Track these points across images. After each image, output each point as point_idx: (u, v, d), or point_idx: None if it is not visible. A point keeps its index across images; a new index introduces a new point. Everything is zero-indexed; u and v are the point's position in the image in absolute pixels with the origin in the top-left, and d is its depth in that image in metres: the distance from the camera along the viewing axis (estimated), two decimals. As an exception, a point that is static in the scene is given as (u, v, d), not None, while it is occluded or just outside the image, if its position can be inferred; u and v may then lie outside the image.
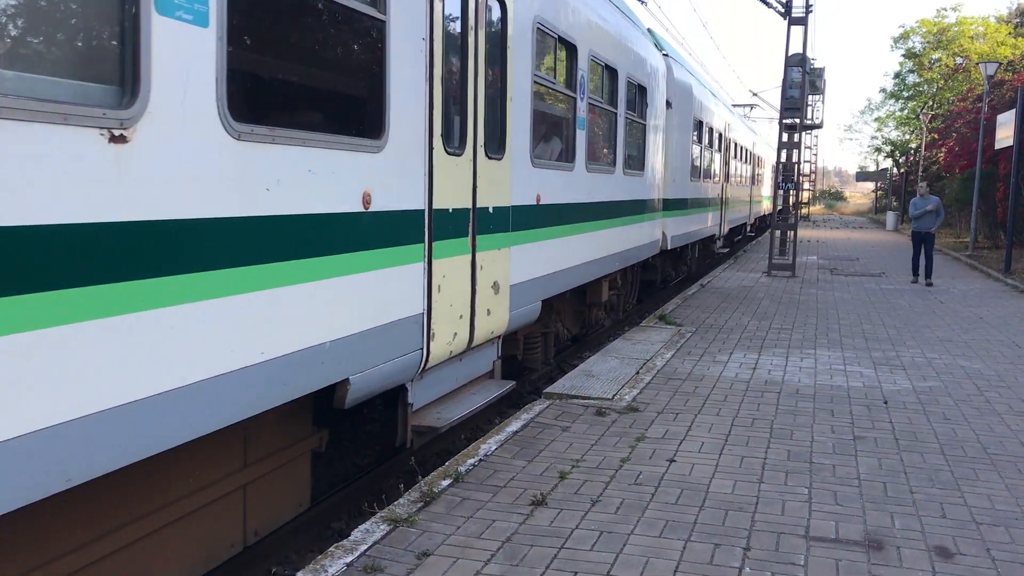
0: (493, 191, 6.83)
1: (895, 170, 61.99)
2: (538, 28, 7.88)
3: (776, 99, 25.15)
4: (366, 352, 5.04)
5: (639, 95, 12.49)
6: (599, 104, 10.26)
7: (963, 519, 5.12)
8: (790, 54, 19.99)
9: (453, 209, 6.10)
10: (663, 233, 14.61)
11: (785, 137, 20.81)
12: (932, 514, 5.18)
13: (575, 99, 9.14)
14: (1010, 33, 44.44)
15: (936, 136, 43.36)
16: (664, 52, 15.06)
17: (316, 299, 4.52)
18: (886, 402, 7.90)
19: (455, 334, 6.25)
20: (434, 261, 5.81)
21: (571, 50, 8.96)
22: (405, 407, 5.95)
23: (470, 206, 6.42)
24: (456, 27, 6.17)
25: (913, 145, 54.07)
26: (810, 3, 19.77)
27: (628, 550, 4.56)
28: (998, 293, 17.02)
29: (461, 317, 6.32)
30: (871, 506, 5.28)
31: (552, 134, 8.83)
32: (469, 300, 6.47)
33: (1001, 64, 28.88)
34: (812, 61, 25.66)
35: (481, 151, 6.51)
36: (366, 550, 4.48)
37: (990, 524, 5.05)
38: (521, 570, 4.31)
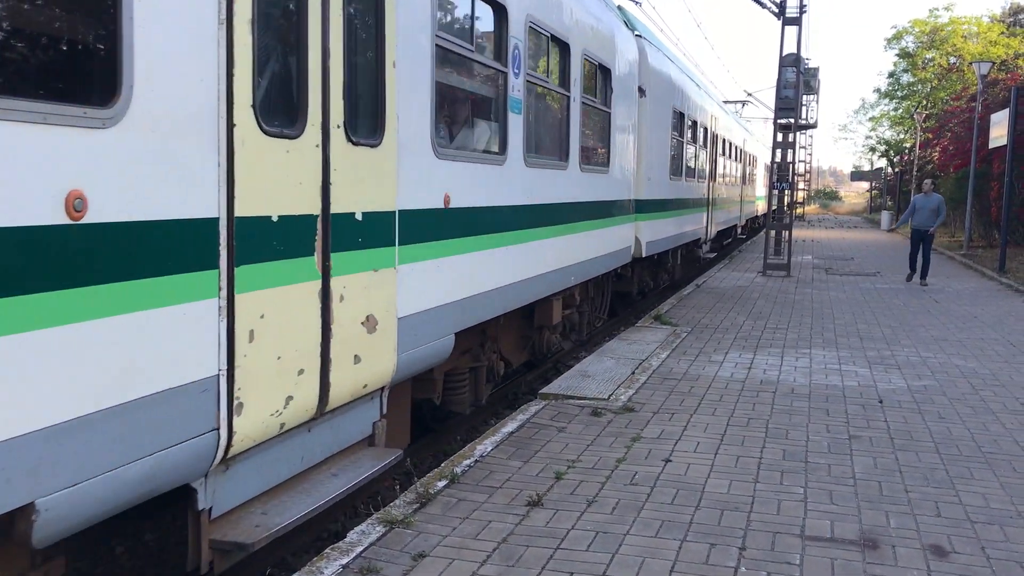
0: (362, 190, 4.92)
1: (890, 169, 62.11)
2: None
3: (771, 99, 25.17)
4: (83, 452, 3.21)
5: (602, 78, 10.61)
6: (544, 84, 8.46)
7: (958, 518, 5.13)
8: (784, 54, 20.03)
9: (279, 217, 4.23)
10: (637, 239, 12.73)
11: (780, 137, 20.84)
12: (927, 513, 5.19)
13: (506, 74, 7.25)
14: (1003, 32, 44.55)
15: (930, 135, 43.42)
16: (637, 32, 13.11)
17: None
18: (881, 401, 7.92)
19: (288, 398, 4.39)
20: (239, 296, 3.96)
21: (499, 11, 7.12)
22: (197, 517, 4.07)
23: (317, 212, 4.55)
24: None
25: (907, 144, 54.18)
26: (804, 3, 19.82)
27: (624, 550, 4.57)
28: (992, 292, 17.06)
29: (302, 372, 4.48)
30: (866, 505, 5.29)
31: (473, 117, 7.19)
32: (318, 346, 4.62)
33: (994, 64, 28.95)
34: (806, 61, 25.70)
35: (338, 133, 4.64)
36: (362, 552, 4.47)
37: (985, 523, 5.06)
38: (517, 571, 4.31)
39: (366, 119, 5.08)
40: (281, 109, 4.33)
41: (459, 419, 8.27)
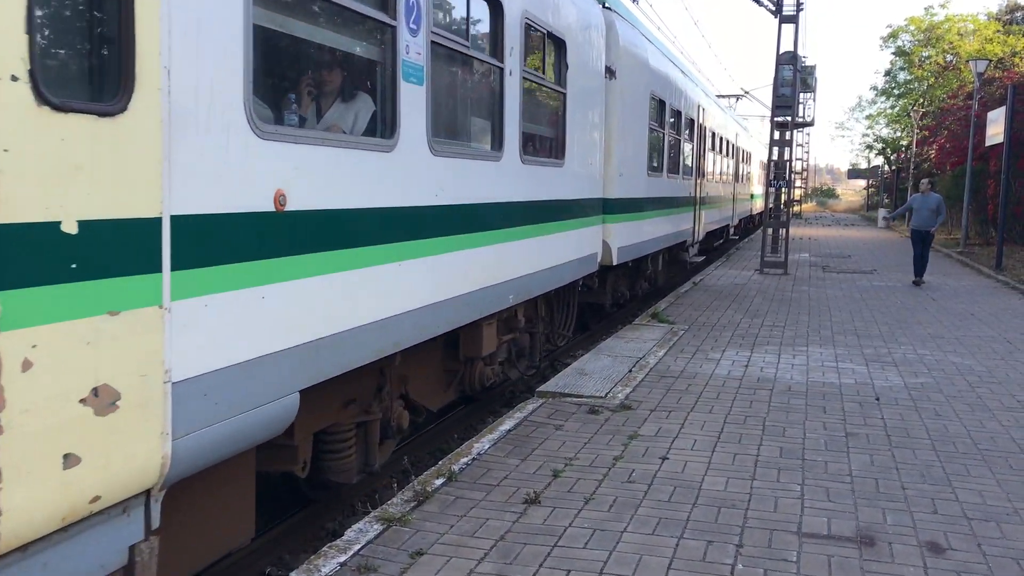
0: (80, 184, 3.03)
1: (887, 167, 62.18)
2: None
3: (768, 97, 25.09)
4: None
5: (555, 50, 8.82)
6: (461, 48, 6.47)
7: (954, 515, 5.14)
8: (781, 52, 20.04)
9: None
10: (606, 243, 10.94)
11: (777, 135, 20.85)
12: (924, 510, 5.20)
13: (393, 28, 5.29)
14: (999, 31, 44.58)
15: (927, 133, 43.50)
16: (606, 5, 11.19)
17: None
18: (878, 399, 7.93)
19: None
20: None
21: None
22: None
23: None
24: None
25: (904, 142, 54.23)
26: (801, 1, 19.81)
27: (621, 548, 4.57)
28: (989, 290, 17.08)
29: None
30: (863, 502, 5.30)
31: (338, 85, 5.27)
32: None
33: (991, 62, 28.99)
34: (803, 59, 25.73)
35: (14, 88, 2.76)
36: (359, 549, 4.48)
37: (981, 519, 5.07)
38: (514, 568, 4.31)
39: (80, 66, 3.26)
40: None
41: (455, 417, 8.26)
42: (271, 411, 4.17)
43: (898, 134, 57.30)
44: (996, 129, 22.41)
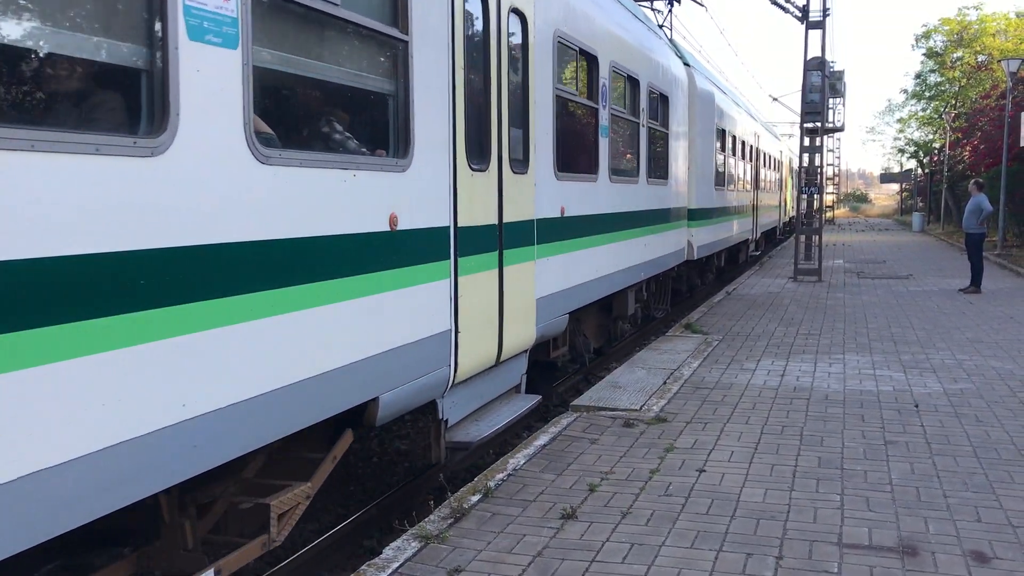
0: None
1: (920, 171, 61.46)
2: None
3: (797, 103, 25.20)
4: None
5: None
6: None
7: (999, 523, 5.06)
8: (809, 58, 19.92)
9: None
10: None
11: (807, 141, 20.71)
12: (967, 518, 5.13)
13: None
14: (1032, 29, 44.01)
15: (960, 135, 42.95)
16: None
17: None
18: (917, 406, 7.83)
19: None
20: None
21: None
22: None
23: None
24: None
25: (937, 145, 53.58)
26: (827, 6, 19.71)
27: (660, 562, 4.55)
28: (1029, 292, 16.81)
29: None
30: (904, 511, 5.23)
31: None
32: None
33: (1024, 61, 28.57)
34: (831, 64, 25.55)
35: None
36: (398, 568, 4.50)
37: (1027, 527, 4.98)
38: (553, 584, 4.30)
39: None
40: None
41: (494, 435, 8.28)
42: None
43: (930, 136, 56.65)
44: (1031, 129, 22.07)
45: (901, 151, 64.20)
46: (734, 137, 19.38)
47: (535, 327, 7.24)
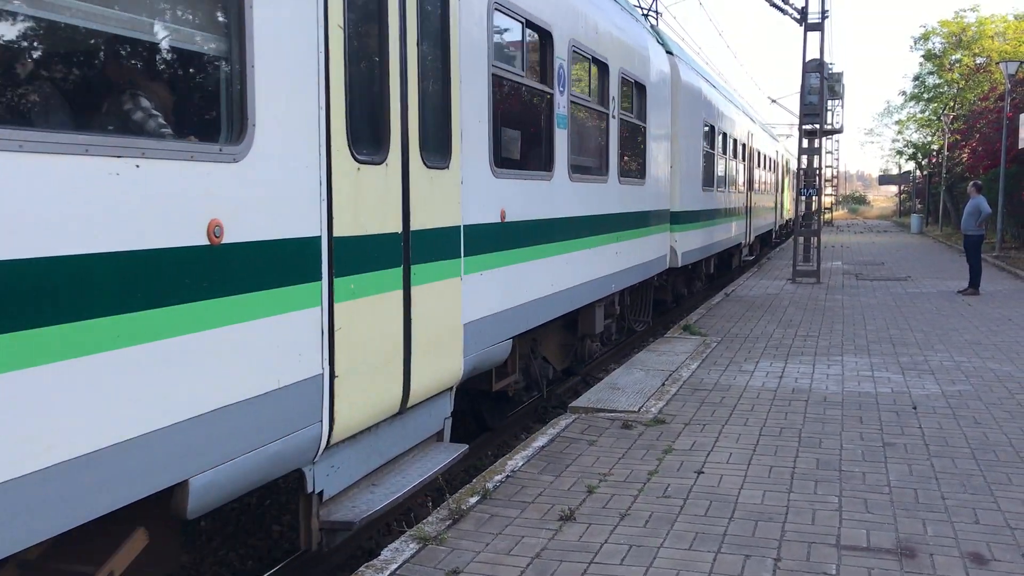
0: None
1: (918, 172, 61.51)
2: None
3: (795, 105, 25.14)
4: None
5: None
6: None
7: (997, 524, 5.06)
8: (807, 60, 19.94)
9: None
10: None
11: (805, 143, 20.72)
12: (965, 520, 5.13)
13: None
14: (1030, 30, 44.07)
15: (958, 137, 43.00)
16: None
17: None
18: (915, 407, 7.83)
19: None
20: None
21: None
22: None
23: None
24: None
25: (935, 147, 53.64)
26: (826, 9, 19.73)
27: (658, 563, 4.55)
28: (1027, 294, 16.82)
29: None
30: (902, 513, 5.23)
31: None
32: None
33: (1022, 63, 28.61)
34: (830, 66, 25.57)
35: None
36: (396, 569, 4.49)
37: (1025, 529, 4.99)
38: (551, 586, 4.30)
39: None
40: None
41: (490, 434, 8.28)
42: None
43: (929, 138, 56.72)
44: (1029, 131, 22.09)
45: (899, 153, 64.30)
46: (725, 135, 18.30)
47: (462, 359, 5.96)
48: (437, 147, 5.55)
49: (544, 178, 7.60)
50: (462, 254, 5.91)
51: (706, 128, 15.84)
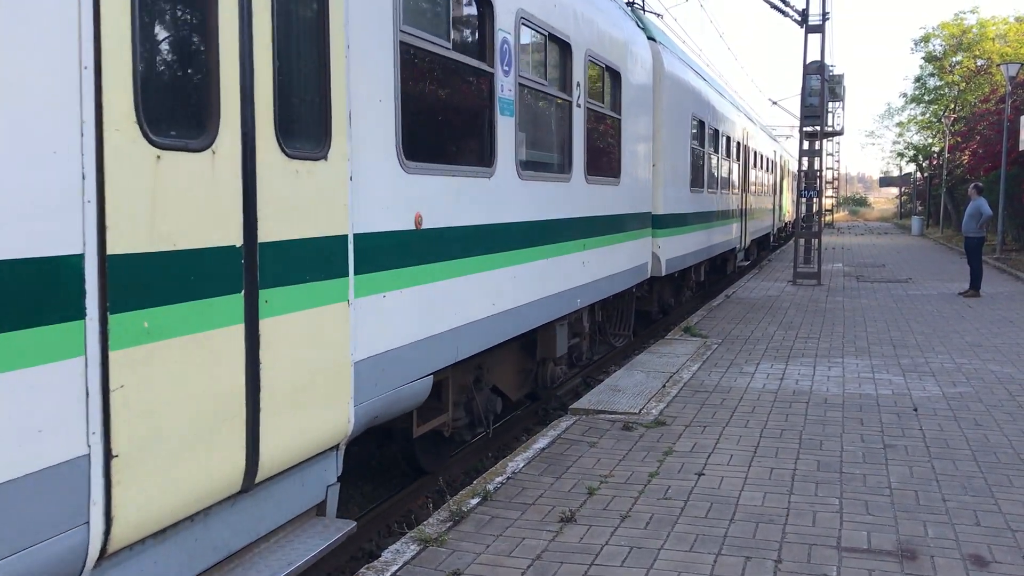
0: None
1: (919, 174, 61.52)
2: None
3: (796, 107, 25.08)
4: None
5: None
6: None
7: (998, 526, 5.06)
8: (808, 62, 19.95)
9: None
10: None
11: (806, 145, 20.72)
12: (966, 522, 5.13)
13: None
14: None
15: (959, 139, 43.02)
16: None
17: None
18: (916, 409, 7.83)
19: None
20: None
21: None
22: None
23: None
24: None
25: (936, 149, 53.65)
26: (827, 11, 19.73)
27: (659, 565, 4.55)
28: (1028, 296, 16.82)
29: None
30: (903, 515, 5.23)
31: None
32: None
33: (1023, 65, 28.61)
34: (831, 68, 25.58)
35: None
36: (397, 571, 4.49)
37: (1025, 531, 4.98)
38: (552, 587, 4.30)
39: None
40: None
41: (491, 436, 8.27)
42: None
43: (929, 140, 56.73)
44: (1030, 133, 22.09)
45: (900, 155, 64.28)
46: (717, 131, 16.83)
47: (350, 408, 4.59)
48: (307, 130, 4.25)
49: (482, 175, 6.22)
50: (351, 272, 4.55)
51: (695, 124, 14.66)
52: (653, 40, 12.13)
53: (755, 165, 24.21)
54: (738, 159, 20.57)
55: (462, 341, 5.94)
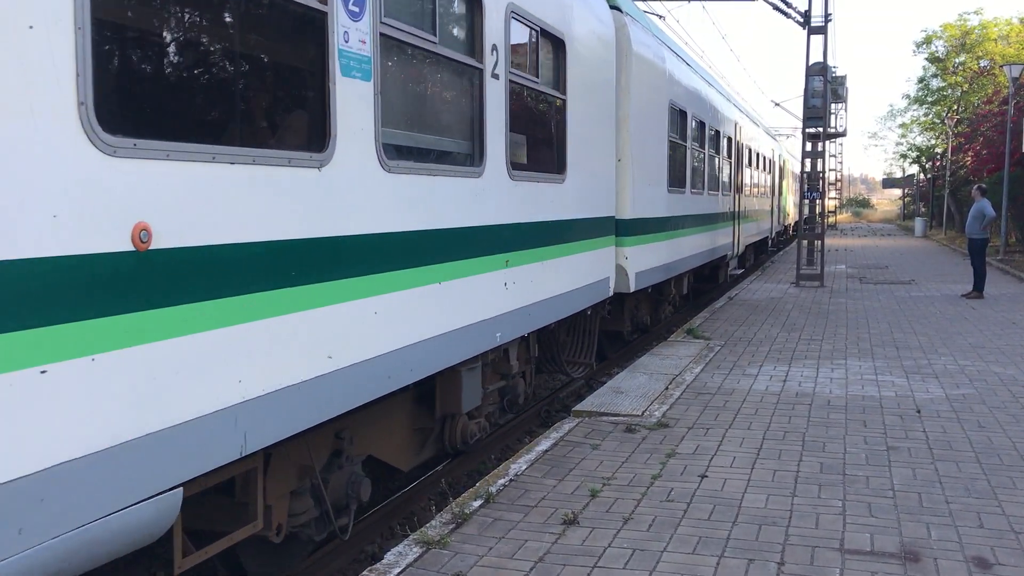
0: None
1: (922, 176, 61.48)
2: None
3: (799, 108, 25.02)
4: None
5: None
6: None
7: (1001, 528, 5.05)
8: (811, 63, 19.94)
9: None
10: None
11: (808, 146, 20.72)
12: (969, 524, 5.12)
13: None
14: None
15: (962, 140, 43.00)
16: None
17: None
18: (919, 411, 7.82)
19: None
20: None
21: None
22: None
23: None
24: None
25: (939, 150, 53.62)
26: (829, 12, 19.73)
27: (661, 567, 4.55)
28: (1031, 297, 16.79)
29: None
30: (906, 517, 5.22)
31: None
32: None
33: (1026, 66, 28.59)
34: (833, 69, 25.57)
35: None
36: (399, 573, 4.49)
37: (1029, 533, 4.98)
38: (554, 590, 4.30)
39: None
40: None
41: (492, 438, 8.28)
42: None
43: (932, 142, 56.70)
44: (1033, 134, 22.06)
45: (903, 156, 64.29)
46: (703, 124, 14.72)
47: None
48: None
49: (304, 163, 4.16)
50: None
51: (675, 114, 12.68)
52: (618, 10, 10.02)
53: (750, 164, 22.22)
54: (730, 156, 18.45)
55: (260, 420, 3.83)
